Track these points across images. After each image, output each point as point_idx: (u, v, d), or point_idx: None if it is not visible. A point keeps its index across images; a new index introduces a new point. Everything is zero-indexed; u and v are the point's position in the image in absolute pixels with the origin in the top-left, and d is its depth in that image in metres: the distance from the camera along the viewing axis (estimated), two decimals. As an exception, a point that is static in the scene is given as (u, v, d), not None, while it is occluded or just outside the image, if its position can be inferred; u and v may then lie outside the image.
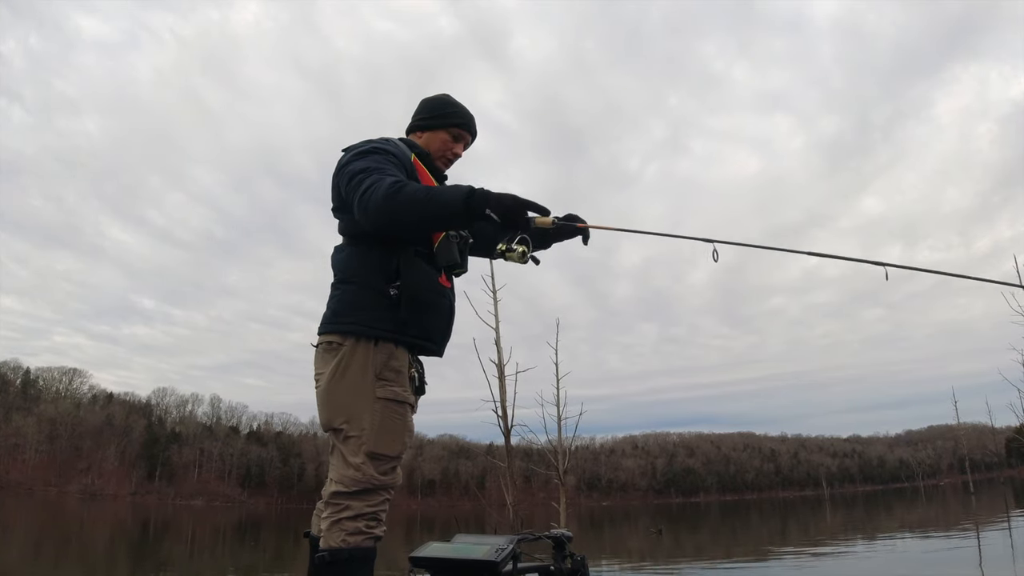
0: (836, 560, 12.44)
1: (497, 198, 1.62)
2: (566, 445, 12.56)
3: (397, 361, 1.75)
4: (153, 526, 37.06)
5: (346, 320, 1.76)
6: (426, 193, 1.63)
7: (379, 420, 1.69)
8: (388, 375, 1.73)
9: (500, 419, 11.18)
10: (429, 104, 2.04)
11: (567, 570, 2.01)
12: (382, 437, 1.68)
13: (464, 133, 2.02)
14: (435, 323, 1.85)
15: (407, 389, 1.76)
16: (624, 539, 25.26)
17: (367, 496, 1.65)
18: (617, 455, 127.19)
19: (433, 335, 1.85)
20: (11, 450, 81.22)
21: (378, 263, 1.78)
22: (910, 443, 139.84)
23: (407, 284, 1.76)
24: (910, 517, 26.78)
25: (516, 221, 1.64)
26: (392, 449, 1.70)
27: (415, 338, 1.79)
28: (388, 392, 1.72)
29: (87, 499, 73.79)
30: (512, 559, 1.89)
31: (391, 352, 1.75)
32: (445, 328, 1.90)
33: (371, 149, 1.81)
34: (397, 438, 1.71)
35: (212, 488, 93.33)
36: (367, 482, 1.64)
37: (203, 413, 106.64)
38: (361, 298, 1.78)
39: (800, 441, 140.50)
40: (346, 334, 1.75)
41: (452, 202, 1.60)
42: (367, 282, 1.78)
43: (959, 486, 73.64)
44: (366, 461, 1.65)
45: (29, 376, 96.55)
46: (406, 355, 1.78)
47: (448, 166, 2.04)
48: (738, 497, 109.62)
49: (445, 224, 1.73)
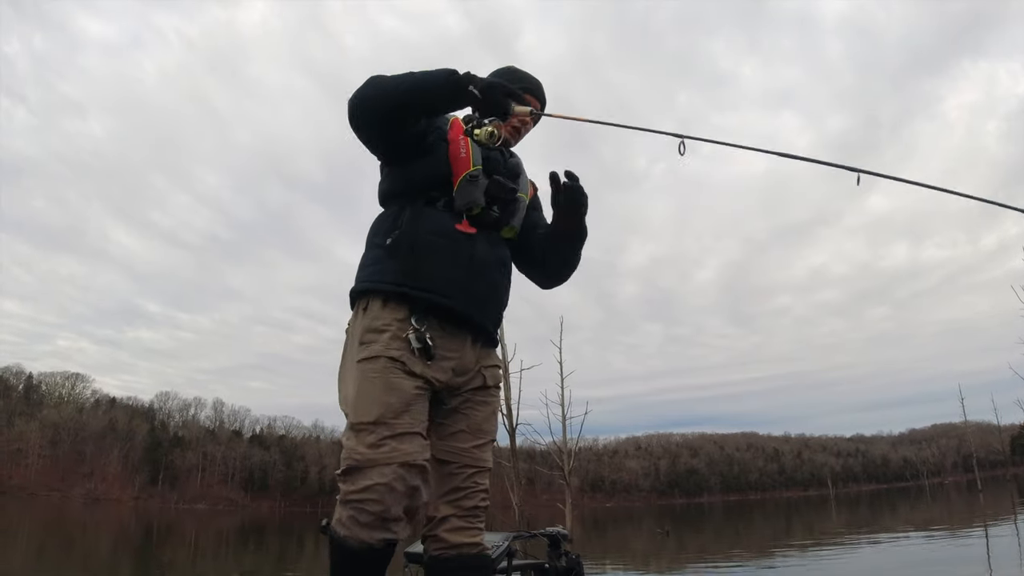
0: (841, 560, 12.37)
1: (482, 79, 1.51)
2: (571, 446, 12.54)
3: (381, 321, 1.52)
4: (156, 530, 37.03)
5: (353, 287, 1.64)
6: (405, 74, 1.52)
7: (357, 386, 1.48)
8: (369, 337, 1.51)
9: (504, 417, 11.17)
10: (494, 74, 1.85)
11: (562, 568, 1.97)
12: (358, 403, 1.45)
13: (532, 99, 1.78)
14: (443, 271, 1.55)
15: (391, 346, 1.48)
16: (629, 540, 25.17)
17: (351, 477, 1.42)
18: (620, 456, 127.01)
19: (441, 285, 1.54)
20: (14, 455, 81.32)
21: (389, 218, 1.65)
22: (914, 442, 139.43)
23: (405, 231, 1.57)
24: (916, 516, 26.66)
25: (496, 105, 1.52)
26: (367, 413, 1.42)
27: (413, 289, 1.52)
28: (365, 351, 1.50)
29: (90, 504, 73.84)
30: (507, 556, 1.86)
31: (377, 312, 1.54)
32: (464, 279, 1.57)
33: None
34: (371, 399, 1.43)
35: (215, 492, 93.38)
36: (349, 457, 1.42)
37: (206, 417, 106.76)
38: (364, 259, 1.66)
39: (803, 441, 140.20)
40: (352, 302, 1.64)
41: (433, 75, 1.48)
42: (372, 241, 1.65)
43: (964, 484, 73.47)
44: (349, 435, 1.45)
45: (32, 381, 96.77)
46: (400, 314, 1.52)
47: (517, 136, 1.83)
48: (742, 497, 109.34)
49: (428, 104, 1.55)
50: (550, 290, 1.90)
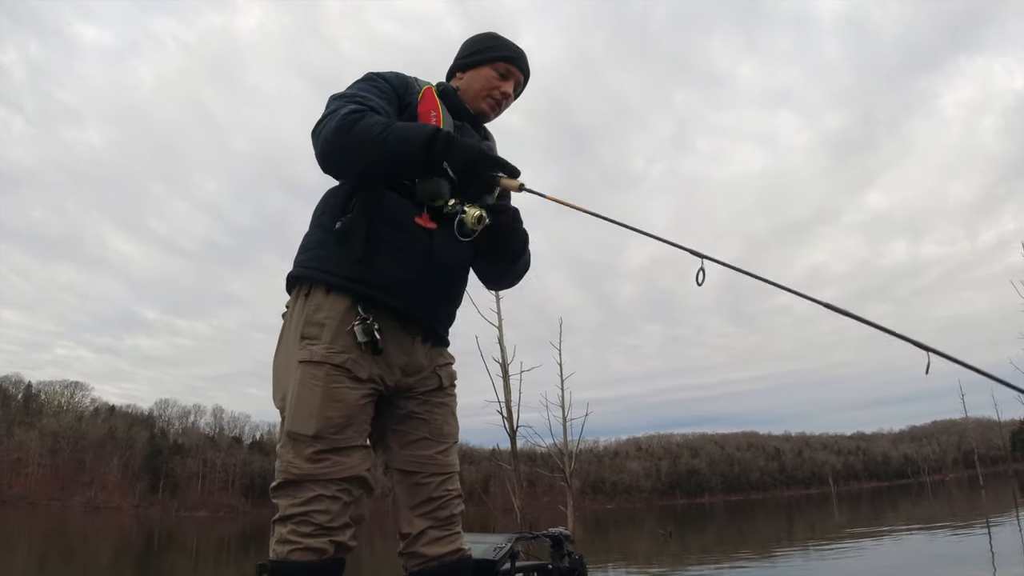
0: (844, 559, 12.34)
1: (460, 149, 1.32)
2: (571, 448, 12.51)
3: (323, 313, 1.36)
4: (157, 538, 36.92)
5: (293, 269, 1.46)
6: (383, 128, 1.32)
7: (296, 391, 1.33)
8: (310, 331, 1.35)
9: (505, 420, 11.15)
10: (471, 41, 1.71)
11: (565, 569, 1.96)
12: (297, 412, 1.31)
13: (513, 69, 1.65)
14: (395, 269, 1.38)
15: (334, 346, 1.33)
16: (631, 542, 25.13)
17: (290, 491, 1.29)
18: (621, 457, 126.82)
19: (388, 283, 1.37)
20: (13, 464, 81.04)
21: (340, 196, 1.46)
22: (914, 439, 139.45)
23: (357, 217, 1.38)
24: (918, 513, 26.65)
25: (477, 181, 1.35)
26: (306, 426, 1.29)
27: (356, 282, 1.36)
28: (306, 353, 1.34)
29: (90, 512, 73.61)
30: (510, 558, 1.85)
31: (319, 302, 1.37)
32: (417, 280, 1.40)
33: (361, 77, 1.53)
34: (310, 411, 1.30)
35: (216, 499, 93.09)
36: (286, 471, 1.29)
37: (205, 424, 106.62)
38: (308, 239, 1.47)
39: (804, 439, 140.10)
40: (289, 288, 1.47)
41: (410, 142, 1.30)
42: (319, 220, 1.47)
43: (965, 481, 73.45)
44: (286, 443, 1.31)
45: (31, 390, 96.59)
46: (343, 304, 1.36)
47: (497, 110, 1.67)
48: (743, 497, 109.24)
49: (400, 171, 1.37)
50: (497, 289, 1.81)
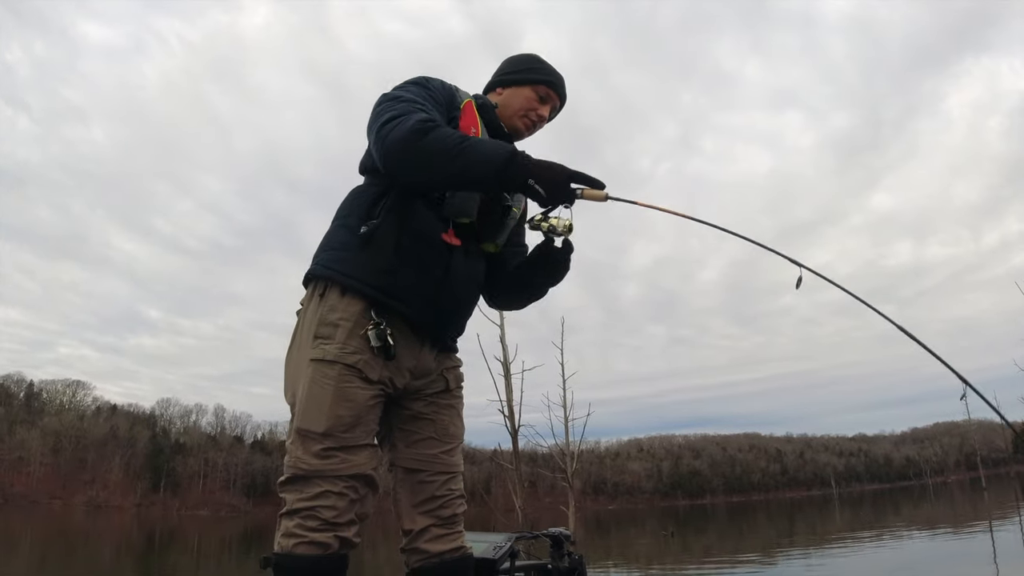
0: (846, 559, 12.32)
1: (543, 168, 1.34)
2: (573, 448, 12.48)
3: (337, 314, 1.41)
4: (159, 537, 36.97)
5: (312, 266, 1.49)
6: (460, 140, 1.34)
7: (307, 388, 1.38)
8: (324, 331, 1.40)
9: (506, 419, 11.14)
10: (515, 60, 1.75)
11: (565, 568, 1.96)
12: (307, 409, 1.36)
13: (552, 94, 1.69)
14: (411, 279, 1.43)
15: (347, 347, 1.38)
16: (633, 542, 25.10)
17: (298, 486, 1.34)
18: (622, 458, 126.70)
19: (404, 293, 1.43)
20: (15, 463, 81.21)
21: (368, 198, 1.49)
22: (916, 441, 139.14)
23: (385, 225, 1.43)
24: (920, 514, 26.58)
25: (563, 194, 1.37)
26: (316, 423, 1.34)
27: (376, 289, 1.41)
28: (319, 352, 1.39)
29: (92, 511, 73.71)
30: (510, 557, 1.85)
31: (333, 303, 1.42)
32: (434, 293, 1.46)
33: (408, 81, 1.55)
34: (320, 409, 1.35)
35: (217, 498, 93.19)
36: (294, 466, 1.35)
37: (207, 423, 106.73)
38: (332, 238, 1.51)
39: (806, 441, 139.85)
40: (306, 283, 1.51)
41: (491, 159, 1.33)
42: (345, 220, 1.50)
43: (967, 483, 73.27)
44: (295, 440, 1.37)
45: (33, 389, 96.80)
46: (357, 307, 1.41)
47: (531, 130, 1.71)
48: (745, 498, 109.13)
49: (475, 184, 1.42)
50: None
